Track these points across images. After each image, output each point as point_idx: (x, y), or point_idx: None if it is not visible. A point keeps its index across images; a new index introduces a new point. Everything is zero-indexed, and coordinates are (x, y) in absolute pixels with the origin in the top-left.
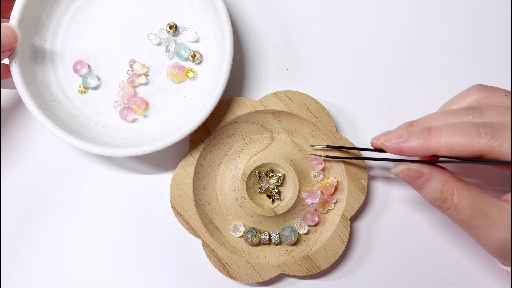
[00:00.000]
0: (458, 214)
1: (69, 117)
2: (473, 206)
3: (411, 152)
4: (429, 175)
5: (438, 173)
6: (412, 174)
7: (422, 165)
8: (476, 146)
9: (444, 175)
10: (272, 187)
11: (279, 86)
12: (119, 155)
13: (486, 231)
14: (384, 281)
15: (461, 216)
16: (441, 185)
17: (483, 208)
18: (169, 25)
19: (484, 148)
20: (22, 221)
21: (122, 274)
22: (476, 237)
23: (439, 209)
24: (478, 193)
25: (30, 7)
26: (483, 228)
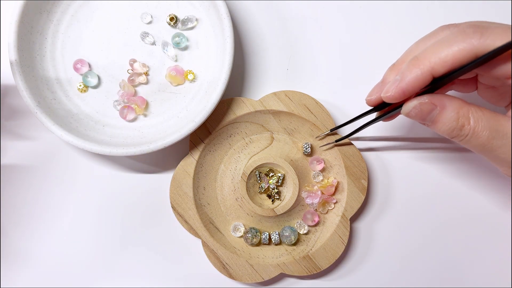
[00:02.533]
0: (477, 139)
1: (69, 115)
2: (490, 127)
3: (412, 88)
4: (442, 105)
5: (450, 101)
6: (425, 108)
7: (431, 96)
8: (469, 47)
9: (456, 102)
10: (272, 187)
11: (279, 86)
12: (119, 154)
13: (507, 150)
14: (384, 281)
15: (480, 140)
16: (455, 113)
17: (499, 127)
18: (170, 17)
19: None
20: (22, 220)
21: (122, 274)
22: (497, 159)
23: (456, 139)
24: (491, 114)
25: (31, 6)
26: (503, 147)
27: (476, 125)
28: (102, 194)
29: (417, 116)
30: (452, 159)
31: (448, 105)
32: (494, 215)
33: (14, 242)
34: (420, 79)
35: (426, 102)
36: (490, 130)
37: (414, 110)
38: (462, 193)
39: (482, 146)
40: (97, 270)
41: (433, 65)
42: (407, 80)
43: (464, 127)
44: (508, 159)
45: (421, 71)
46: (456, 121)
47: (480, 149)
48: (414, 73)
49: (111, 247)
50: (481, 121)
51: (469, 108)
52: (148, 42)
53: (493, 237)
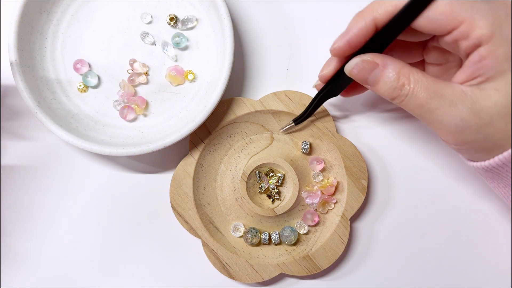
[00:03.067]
0: (416, 99)
1: (69, 115)
2: (429, 88)
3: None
4: (383, 64)
5: (392, 60)
6: (366, 66)
7: (374, 55)
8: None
9: (397, 62)
10: (272, 187)
11: (279, 86)
12: (119, 154)
13: (444, 111)
14: (384, 281)
15: (418, 100)
16: (396, 72)
17: (438, 89)
18: (170, 17)
19: None
20: (21, 220)
21: (122, 274)
22: (435, 121)
23: (396, 100)
24: (432, 78)
25: (31, 6)
26: (441, 109)
27: (415, 85)
28: (102, 194)
29: (359, 73)
30: (453, 159)
31: (390, 64)
32: (494, 216)
33: (14, 242)
34: (364, 29)
35: (368, 60)
36: (428, 91)
37: (356, 67)
38: (462, 193)
39: (421, 106)
40: (97, 270)
41: (376, 14)
42: (352, 30)
43: (404, 87)
44: (445, 121)
45: (364, 21)
46: (397, 81)
47: (419, 111)
48: (358, 24)
49: (111, 247)
50: (421, 82)
51: (410, 69)
52: (148, 42)
53: (493, 237)
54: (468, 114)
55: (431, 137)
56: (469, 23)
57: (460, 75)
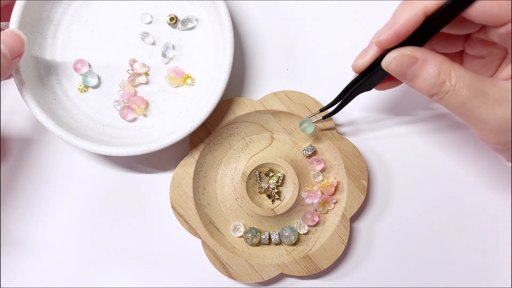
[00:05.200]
0: (457, 96)
1: (69, 115)
2: (472, 85)
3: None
4: (423, 59)
5: (433, 55)
6: (406, 60)
7: (414, 49)
8: None
9: (438, 57)
10: (272, 187)
11: (279, 86)
12: (119, 154)
13: (487, 110)
14: (384, 281)
15: (460, 97)
16: (437, 68)
17: (481, 86)
18: (170, 17)
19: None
20: (21, 220)
21: (122, 274)
22: (477, 120)
23: (435, 97)
24: (475, 74)
25: (31, 6)
26: (484, 108)
27: (457, 82)
28: (102, 194)
29: (398, 69)
30: (453, 159)
31: (431, 59)
32: (495, 216)
33: (14, 243)
34: (413, 19)
35: (408, 54)
36: (471, 89)
37: (395, 61)
38: (463, 194)
39: (462, 105)
40: (96, 270)
41: (425, 3)
42: (400, 21)
43: (445, 83)
44: (488, 121)
45: (414, 11)
46: (437, 77)
47: (460, 109)
48: (407, 14)
49: (111, 247)
50: (463, 79)
51: (451, 65)
52: (148, 42)
53: (493, 237)
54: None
55: (431, 138)
56: None
57: (505, 71)
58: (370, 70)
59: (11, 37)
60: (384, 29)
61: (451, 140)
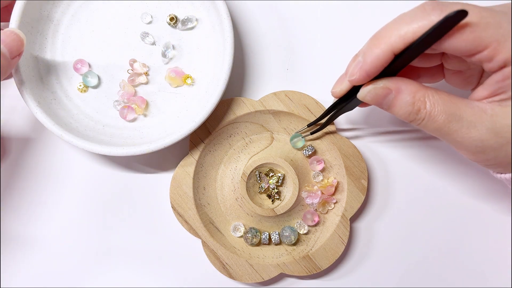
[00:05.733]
0: (433, 123)
1: (69, 115)
2: (447, 111)
3: (375, 67)
4: (397, 90)
5: (406, 84)
6: (379, 92)
7: (387, 80)
8: (428, 24)
9: (412, 86)
10: (272, 187)
11: (279, 86)
12: (119, 154)
13: (463, 134)
14: (384, 281)
15: (436, 123)
16: (411, 97)
17: (456, 111)
18: (170, 17)
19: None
20: (21, 219)
21: (122, 274)
22: (455, 142)
23: (413, 123)
24: (448, 97)
25: (31, 6)
26: (460, 131)
27: (432, 109)
28: (102, 194)
29: (373, 100)
30: (453, 159)
31: (404, 89)
32: (495, 215)
33: (14, 242)
34: (381, 58)
35: (381, 86)
36: (446, 114)
37: (369, 94)
38: (462, 193)
39: (439, 130)
40: (96, 269)
41: (393, 43)
42: (369, 61)
43: (420, 111)
44: (465, 143)
45: (381, 50)
46: (412, 105)
47: (437, 133)
48: (375, 53)
49: (111, 247)
50: (438, 105)
51: (425, 92)
52: (148, 42)
53: (493, 237)
54: (488, 134)
55: (431, 138)
56: (493, 48)
57: (481, 92)
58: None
59: (10, 36)
60: (355, 69)
61: None
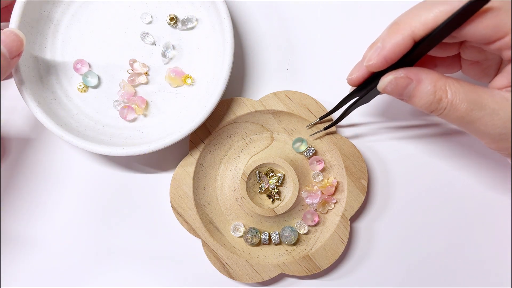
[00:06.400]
0: (455, 111)
1: (69, 115)
2: (469, 99)
3: (394, 54)
4: (418, 79)
5: (427, 74)
6: (400, 83)
7: (407, 70)
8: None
9: (433, 75)
10: (272, 187)
11: (279, 86)
12: (119, 154)
13: (486, 121)
14: (384, 281)
15: (458, 112)
16: (432, 86)
17: (478, 98)
18: (170, 17)
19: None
20: (21, 219)
21: (122, 274)
22: (478, 131)
23: (434, 113)
24: (469, 85)
25: (31, 6)
26: (482, 119)
27: (454, 97)
28: (102, 194)
29: (393, 91)
30: (453, 159)
31: (425, 78)
32: (495, 216)
33: (14, 242)
34: (401, 45)
35: (402, 76)
36: (468, 102)
37: (390, 85)
38: (463, 193)
39: (461, 118)
40: (96, 269)
41: (413, 29)
42: (388, 46)
43: (441, 100)
44: (488, 131)
45: (402, 36)
46: (434, 95)
47: (459, 122)
48: (395, 39)
49: (110, 247)
50: (459, 94)
51: (446, 81)
52: (148, 42)
53: (493, 237)
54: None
55: (431, 137)
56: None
57: (500, 80)
58: (366, 85)
59: (10, 36)
60: (373, 54)
61: (451, 140)
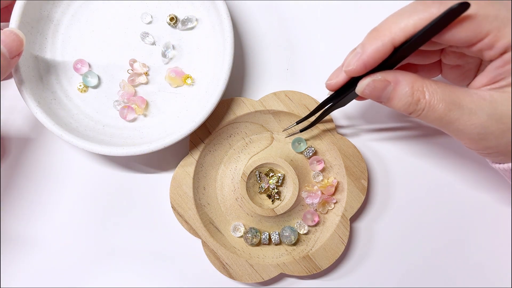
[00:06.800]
0: (434, 112)
1: (69, 115)
2: (446, 99)
3: (374, 59)
4: (395, 81)
5: (404, 76)
6: (378, 85)
7: (385, 73)
8: (429, 16)
9: (410, 76)
10: (272, 187)
11: (279, 86)
12: (119, 154)
13: (464, 121)
14: (384, 281)
15: (436, 113)
16: (410, 87)
17: (456, 99)
18: (170, 17)
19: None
20: (21, 219)
21: (122, 274)
22: (456, 131)
23: (413, 114)
24: (447, 86)
25: (31, 6)
26: (461, 119)
27: (431, 98)
28: (102, 194)
29: (372, 93)
30: (453, 158)
31: (402, 80)
32: (495, 215)
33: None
34: (381, 50)
35: (380, 79)
36: (446, 103)
37: (368, 87)
38: (463, 193)
39: (440, 119)
40: (96, 269)
41: (393, 35)
42: (367, 52)
43: (420, 101)
44: (467, 131)
45: (382, 42)
46: (411, 96)
47: (438, 123)
48: (375, 45)
49: (110, 247)
50: (437, 94)
51: (423, 82)
52: (148, 42)
53: (493, 237)
54: (489, 121)
55: (431, 137)
56: (494, 35)
57: (480, 79)
58: (344, 90)
59: (10, 36)
60: (353, 59)
61: (451, 140)
